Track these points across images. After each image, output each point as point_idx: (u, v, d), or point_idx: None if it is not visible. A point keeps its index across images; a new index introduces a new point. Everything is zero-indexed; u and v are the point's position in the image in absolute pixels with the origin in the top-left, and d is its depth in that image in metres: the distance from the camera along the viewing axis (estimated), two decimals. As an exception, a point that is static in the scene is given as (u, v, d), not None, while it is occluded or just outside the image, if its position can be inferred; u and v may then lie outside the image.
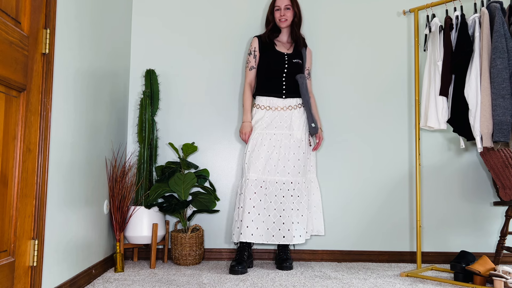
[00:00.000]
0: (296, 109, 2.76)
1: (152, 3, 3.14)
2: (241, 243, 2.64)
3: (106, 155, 2.55)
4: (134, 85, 3.08)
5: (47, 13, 1.76)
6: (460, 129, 2.49)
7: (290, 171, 2.68)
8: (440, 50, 2.56)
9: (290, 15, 2.79)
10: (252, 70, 2.82)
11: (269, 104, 2.75)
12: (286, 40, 2.87)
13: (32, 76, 1.67)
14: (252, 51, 2.82)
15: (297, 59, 2.80)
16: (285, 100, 2.76)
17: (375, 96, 3.11)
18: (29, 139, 1.66)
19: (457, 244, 3.02)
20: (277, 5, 2.79)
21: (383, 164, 3.06)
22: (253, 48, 2.83)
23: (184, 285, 2.22)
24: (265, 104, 2.76)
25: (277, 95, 2.75)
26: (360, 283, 2.33)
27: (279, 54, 2.78)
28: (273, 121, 2.73)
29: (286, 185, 2.66)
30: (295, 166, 2.69)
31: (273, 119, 2.73)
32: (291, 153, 2.70)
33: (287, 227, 2.59)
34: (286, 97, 2.75)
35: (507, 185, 2.61)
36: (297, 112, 2.76)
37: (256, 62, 2.82)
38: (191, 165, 2.80)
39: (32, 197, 1.68)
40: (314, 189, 2.84)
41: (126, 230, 2.69)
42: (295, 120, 2.74)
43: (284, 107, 2.75)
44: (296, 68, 2.78)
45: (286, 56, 2.78)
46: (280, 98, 2.75)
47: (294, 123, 2.74)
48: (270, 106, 2.75)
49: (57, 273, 1.89)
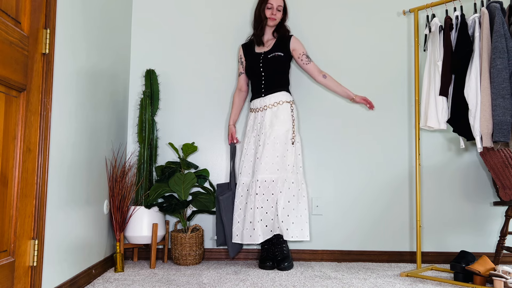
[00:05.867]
0: (272, 108, 2.73)
1: (152, 3, 3.14)
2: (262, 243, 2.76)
3: (106, 155, 2.55)
4: (134, 85, 3.08)
5: (47, 13, 1.76)
6: (460, 129, 2.49)
7: (268, 168, 2.63)
8: (440, 50, 2.56)
9: (280, 16, 2.84)
10: (241, 75, 2.94)
11: (253, 107, 2.84)
12: (268, 38, 2.89)
13: (32, 76, 1.67)
14: (239, 59, 2.96)
15: (275, 52, 2.80)
16: (263, 99, 2.78)
17: (375, 96, 3.11)
18: (29, 139, 1.66)
19: (457, 244, 3.02)
20: (269, 3, 2.80)
21: (383, 164, 3.06)
22: (239, 56, 2.96)
23: (184, 285, 2.22)
24: (252, 107, 2.85)
25: (258, 96, 2.81)
26: (360, 283, 2.33)
27: (255, 56, 2.84)
28: (254, 124, 2.80)
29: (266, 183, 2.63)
30: (273, 163, 2.65)
31: (254, 121, 2.81)
32: (262, 151, 2.66)
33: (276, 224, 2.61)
34: (265, 94, 2.78)
35: (507, 185, 2.61)
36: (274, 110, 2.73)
37: (244, 68, 2.92)
38: (191, 165, 2.80)
39: (32, 197, 1.68)
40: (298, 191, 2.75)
41: (126, 230, 2.70)
42: (272, 119, 2.71)
43: (261, 107, 2.78)
44: (272, 62, 2.78)
45: (262, 54, 2.82)
46: (259, 98, 2.80)
47: (267, 122, 2.71)
48: (254, 109, 2.83)
49: (57, 273, 1.89)
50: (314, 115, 3.08)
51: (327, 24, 3.16)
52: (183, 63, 3.11)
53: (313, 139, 3.06)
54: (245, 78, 2.93)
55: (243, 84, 2.94)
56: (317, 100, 3.08)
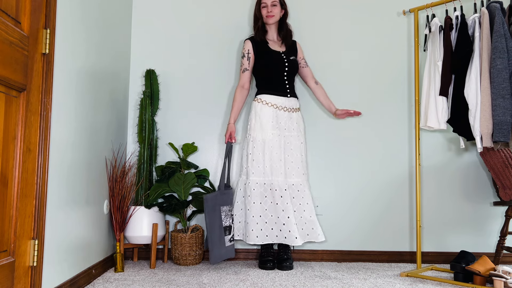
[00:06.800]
0: (297, 112, 2.81)
1: (152, 3, 3.14)
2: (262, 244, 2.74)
3: (106, 155, 2.55)
4: (134, 85, 3.08)
5: (47, 13, 1.76)
6: (460, 129, 2.49)
7: (295, 173, 2.71)
8: (440, 50, 2.56)
9: (277, 11, 2.79)
10: (245, 72, 2.79)
11: (275, 103, 2.73)
12: (276, 38, 2.88)
13: (32, 76, 1.67)
14: (246, 54, 2.80)
15: (292, 56, 2.83)
16: (289, 100, 2.77)
17: (375, 96, 3.11)
18: (29, 139, 1.66)
19: (457, 244, 3.02)
20: (263, 2, 2.79)
21: (383, 164, 3.06)
22: (246, 51, 2.80)
23: (184, 285, 2.22)
24: (273, 102, 2.73)
25: (281, 94, 2.76)
26: (360, 283, 2.33)
27: (277, 54, 2.78)
28: (277, 120, 2.72)
29: (295, 186, 2.70)
30: (299, 167, 2.73)
31: (276, 118, 2.72)
32: (295, 155, 2.72)
33: (287, 228, 2.59)
34: (290, 96, 2.79)
35: (507, 185, 2.61)
36: (299, 115, 2.82)
37: (250, 64, 2.80)
38: (191, 165, 2.80)
39: (32, 197, 1.68)
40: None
41: (126, 230, 2.69)
42: (299, 122, 2.80)
43: (290, 108, 2.76)
44: (293, 66, 2.82)
45: (283, 54, 2.80)
46: (284, 97, 2.76)
47: (299, 125, 2.79)
48: (277, 105, 2.74)
49: (57, 273, 1.89)
50: (314, 116, 3.08)
51: (327, 24, 3.16)
52: (183, 63, 3.11)
53: (313, 140, 3.06)
54: (250, 75, 2.83)
55: (246, 82, 2.80)
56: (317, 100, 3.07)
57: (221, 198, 2.61)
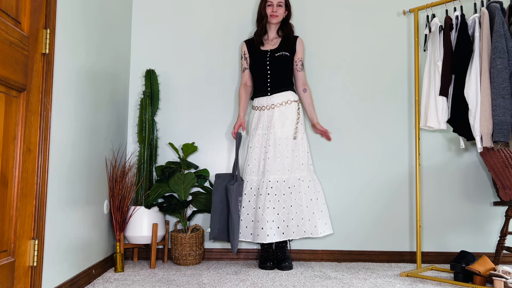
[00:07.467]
0: (280, 107, 2.74)
1: (152, 3, 3.14)
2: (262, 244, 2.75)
3: (106, 155, 2.55)
4: (134, 85, 3.08)
5: (47, 13, 1.76)
6: (460, 129, 2.49)
7: (280, 169, 2.66)
8: (440, 50, 2.56)
9: (281, 12, 2.82)
10: (245, 71, 2.92)
11: (258, 105, 2.81)
12: (273, 36, 2.88)
13: (32, 76, 1.67)
14: (243, 55, 2.92)
15: (282, 51, 2.80)
16: (270, 98, 2.76)
17: (375, 96, 3.11)
18: (29, 139, 1.66)
19: (457, 244, 3.02)
20: (269, 1, 2.81)
21: (383, 164, 3.06)
22: (242, 52, 2.93)
23: (184, 285, 2.22)
24: (256, 104, 2.82)
25: (263, 94, 2.79)
26: (360, 283, 2.33)
27: (262, 53, 2.83)
28: (259, 122, 2.77)
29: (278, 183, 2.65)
30: (284, 164, 2.67)
31: (259, 119, 2.77)
32: (273, 151, 2.67)
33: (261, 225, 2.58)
34: (271, 93, 2.77)
35: (507, 185, 2.61)
36: (283, 109, 2.73)
37: (248, 63, 2.90)
38: (191, 165, 2.80)
39: (32, 197, 1.68)
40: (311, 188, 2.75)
41: (126, 230, 2.69)
42: (281, 119, 2.72)
43: (267, 106, 2.77)
44: (280, 61, 2.79)
45: (268, 53, 2.81)
46: (265, 97, 2.78)
47: (277, 121, 2.71)
48: (259, 107, 2.80)
49: (57, 273, 1.89)
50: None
51: (327, 24, 3.16)
52: (183, 63, 3.11)
53: (313, 139, 3.06)
54: (250, 73, 2.90)
55: (248, 79, 2.91)
56: (318, 101, 3.07)
57: (237, 189, 2.66)
